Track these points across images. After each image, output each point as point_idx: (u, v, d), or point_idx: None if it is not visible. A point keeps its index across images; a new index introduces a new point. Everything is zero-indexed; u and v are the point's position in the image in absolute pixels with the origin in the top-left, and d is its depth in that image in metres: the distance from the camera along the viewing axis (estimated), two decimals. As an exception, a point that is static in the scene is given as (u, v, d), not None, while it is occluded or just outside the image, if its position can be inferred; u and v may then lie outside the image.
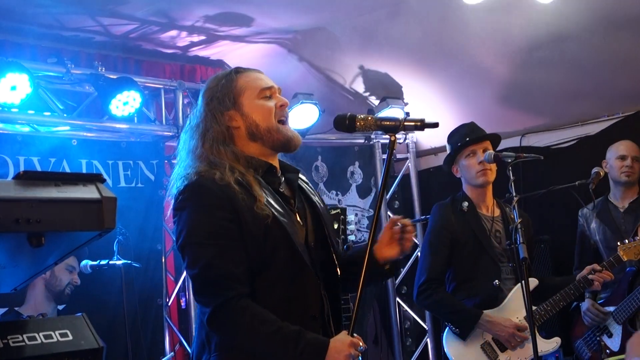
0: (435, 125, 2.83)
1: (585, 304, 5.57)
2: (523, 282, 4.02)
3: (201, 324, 2.89)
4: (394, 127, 2.83)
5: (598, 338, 5.50)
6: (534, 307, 4.65)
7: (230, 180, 2.82)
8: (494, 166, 4.79)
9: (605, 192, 5.98)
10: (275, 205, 2.89)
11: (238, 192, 2.80)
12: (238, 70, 3.11)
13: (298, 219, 2.98)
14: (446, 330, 4.74)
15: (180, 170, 2.98)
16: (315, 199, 3.16)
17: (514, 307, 4.68)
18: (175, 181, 2.95)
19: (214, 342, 2.85)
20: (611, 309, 5.49)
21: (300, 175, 3.20)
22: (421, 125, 2.81)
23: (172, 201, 2.93)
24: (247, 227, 2.79)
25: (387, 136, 2.86)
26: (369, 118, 2.89)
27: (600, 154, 6.09)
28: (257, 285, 2.83)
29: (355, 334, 2.75)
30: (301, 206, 3.07)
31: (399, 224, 3.05)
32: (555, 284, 4.91)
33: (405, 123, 2.82)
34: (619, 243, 5.11)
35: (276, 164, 3.09)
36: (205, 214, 2.80)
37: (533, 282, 4.73)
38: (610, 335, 5.44)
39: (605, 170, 5.75)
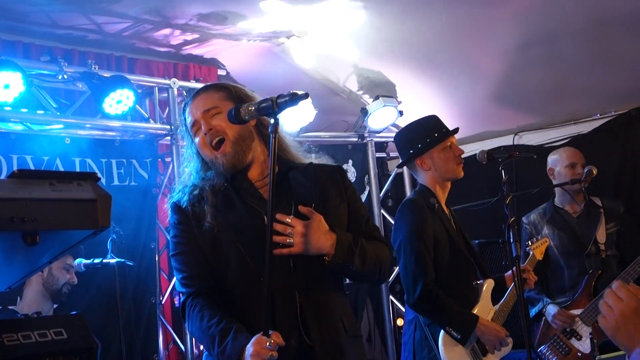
0: (305, 96, 2.92)
1: (552, 309, 5.61)
2: (515, 277, 4.03)
3: None
4: (269, 107, 2.87)
5: (566, 342, 5.52)
6: (496, 306, 4.72)
7: (186, 200, 3.22)
8: None
9: (551, 197, 6.09)
10: (231, 216, 3.15)
11: (190, 211, 3.19)
12: (187, 103, 3.37)
13: (266, 221, 2.93)
14: (441, 334, 4.53)
15: (175, 188, 3.43)
16: (302, 191, 3.19)
17: (486, 305, 4.66)
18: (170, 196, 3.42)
19: None
20: (577, 312, 5.55)
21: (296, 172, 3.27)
22: (291, 99, 2.84)
23: None
24: (199, 238, 3.17)
25: (383, 135, 2.91)
26: (250, 107, 2.94)
27: (593, 152, 6.12)
28: (220, 288, 3.15)
29: (272, 331, 2.84)
30: (278, 203, 3.05)
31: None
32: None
33: (278, 100, 2.85)
34: (528, 243, 5.17)
35: (255, 166, 3.26)
36: (174, 229, 3.26)
37: (491, 283, 4.73)
38: (579, 338, 5.46)
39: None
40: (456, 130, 4.83)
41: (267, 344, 2.77)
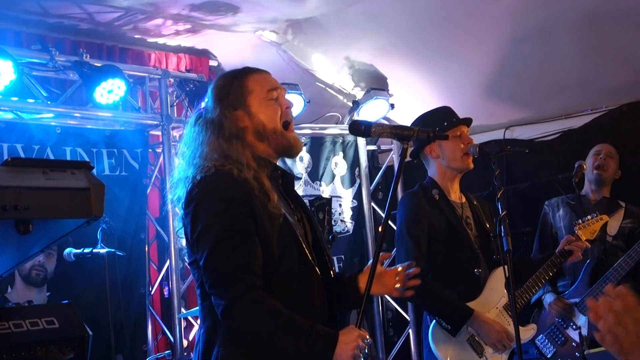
0: (445, 137, 3.15)
1: (550, 297, 5.62)
2: (506, 270, 4.03)
3: (207, 317, 2.94)
4: (407, 135, 2.98)
5: (562, 332, 5.53)
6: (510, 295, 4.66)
7: (248, 176, 2.87)
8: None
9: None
10: (284, 206, 2.98)
11: (255, 189, 2.86)
12: (247, 70, 3.16)
13: (297, 220, 3.04)
14: (432, 324, 4.54)
15: (191, 160, 3.00)
16: (305, 201, 3.24)
17: (493, 296, 4.59)
18: (186, 170, 2.98)
19: (221, 335, 2.88)
20: (575, 300, 5.55)
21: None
22: (433, 136, 3.03)
23: (185, 191, 2.93)
24: (262, 224, 2.85)
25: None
26: (385, 127, 3.03)
27: (584, 147, 6.14)
28: (270, 281, 2.87)
29: (362, 328, 2.86)
30: (297, 209, 3.15)
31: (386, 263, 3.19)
32: (530, 264, 4.85)
33: (419, 133, 2.98)
34: (577, 222, 5.10)
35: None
36: (223, 208, 2.83)
37: (499, 273, 4.58)
38: (575, 328, 5.47)
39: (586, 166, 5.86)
40: (467, 120, 4.81)
41: (366, 339, 2.83)
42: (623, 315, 2.07)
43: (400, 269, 3.15)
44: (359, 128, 3.04)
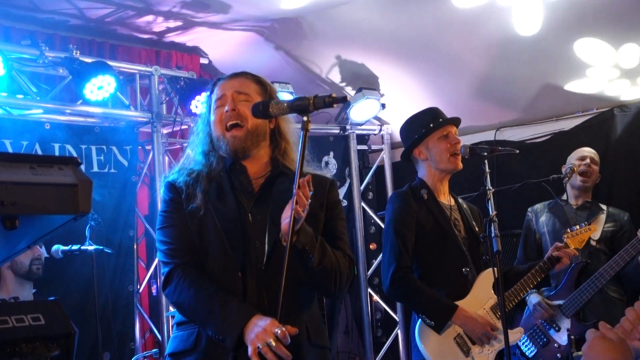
0: (343, 99, 2.94)
1: (535, 298, 5.63)
2: (495, 272, 4.04)
3: None
4: (305, 106, 2.92)
5: (544, 333, 5.56)
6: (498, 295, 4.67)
7: (182, 181, 3.29)
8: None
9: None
10: (220, 204, 3.23)
11: (184, 189, 3.27)
12: (215, 83, 3.46)
13: (250, 218, 3.21)
14: (419, 322, 4.56)
15: (174, 168, 3.52)
16: (283, 196, 3.14)
17: (480, 297, 4.60)
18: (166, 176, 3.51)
19: (175, 317, 3.34)
20: (559, 302, 5.57)
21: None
22: (329, 100, 2.89)
23: None
24: (187, 217, 3.23)
25: (365, 127, 2.93)
26: (282, 103, 3.00)
27: (574, 149, 6.15)
28: (206, 266, 3.20)
29: (287, 325, 2.85)
30: (262, 204, 3.24)
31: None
32: (517, 271, 4.87)
33: (315, 100, 2.90)
34: (566, 230, 5.14)
35: (256, 163, 3.32)
36: (164, 205, 3.33)
37: (488, 273, 4.62)
38: (558, 329, 5.51)
39: (573, 170, 5.89)
40: (454, 120, 4.81)
41: (278, 330, 2.81)
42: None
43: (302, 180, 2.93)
44: (257, 109, 3.03)
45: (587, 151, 6.06)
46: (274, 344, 2.79)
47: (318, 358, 3.23)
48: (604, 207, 6.02)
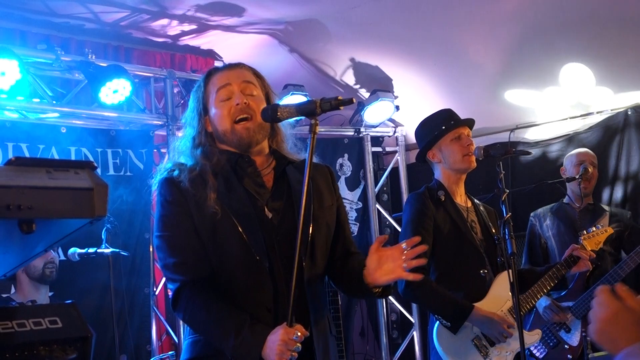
0: (350, 101, 2.88)
1: (544, 301, 5.60)
2: (511, 275, 4.03)
3: None
4: (312, 109, 2.88)
5: (554, 334, 5.55)
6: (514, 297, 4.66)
7: (185, 179, 3.04)
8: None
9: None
10: (233, 201, 3.05)
11: (190, 190, 3.02)
12: (209, 74, 3.31)
13: (267, 212, 3.08)
14: (436, 324, 4.55)
15: (165, 164, 3.24)
16: (299, 187, 3.07)
17: (498, 299, 4.58)
18: (157, 173, 3.21)
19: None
20: (568, 304, 5.56)
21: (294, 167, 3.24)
22: (336, 103, 2.86)
23: None
24: (197, 222, 3.02)
25: (380, 130, 2.92)
26: (290, 107, 2.96)
27: (589, 149, 6.13)
28: (218, 276, 3.02)
29: (297, 324, 2.82)
30: (279, 197, 3.15)
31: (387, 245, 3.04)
32: (535, 272, 4.85)
33: (321, 103, 2.87)
34: (583, 232, 5.12)
35: (260, 156, 3.23)
36: (167, 207, 3.07)
37: (504, 275, 4.62)
38: (568, 331, 5.51)
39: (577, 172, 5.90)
40: (468, 121, 4.81)
41: (294, 335, 2.77)
42: (594, 303, 2.05)
43: (404, 244, 2.99)
44: (267, 113, 3.01)
45: (585, 155, 6.03)
46: (300, 347, 2.78)
47: (337, 348, 3.27)
48: (606, 208, 6.05)
